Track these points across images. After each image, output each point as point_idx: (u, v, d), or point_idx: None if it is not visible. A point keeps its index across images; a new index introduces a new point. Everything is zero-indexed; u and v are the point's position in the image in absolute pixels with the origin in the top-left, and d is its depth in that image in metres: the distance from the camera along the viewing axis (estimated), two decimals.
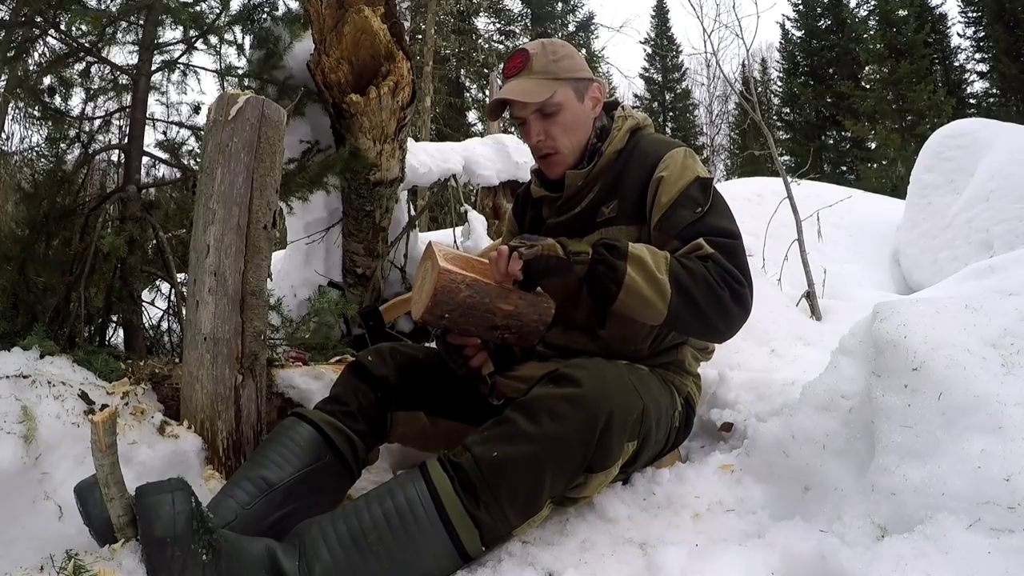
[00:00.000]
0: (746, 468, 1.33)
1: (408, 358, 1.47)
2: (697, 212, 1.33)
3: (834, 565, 0.89)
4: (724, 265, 1.26)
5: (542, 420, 1.08)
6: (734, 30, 12.25)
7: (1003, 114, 16.76)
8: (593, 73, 1.52)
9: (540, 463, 1.07)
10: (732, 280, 1.25)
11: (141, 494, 0.94)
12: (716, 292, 1.23)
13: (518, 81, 1.43)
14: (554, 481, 1.10)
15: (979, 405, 0.95)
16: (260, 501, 1.15)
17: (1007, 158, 5.51)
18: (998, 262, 2.34)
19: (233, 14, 2.20)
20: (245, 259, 1.39)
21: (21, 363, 1.31)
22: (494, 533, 1.09)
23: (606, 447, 1.13)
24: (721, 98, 24.65)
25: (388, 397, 1.40)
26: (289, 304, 2.58)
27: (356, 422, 1.34)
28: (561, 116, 1.42)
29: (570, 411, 1.09)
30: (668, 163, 1.39)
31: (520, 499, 1.08)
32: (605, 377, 1.16)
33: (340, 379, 1.44)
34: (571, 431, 1.08)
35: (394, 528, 1.02)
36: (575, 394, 1.10)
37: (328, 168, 2.31)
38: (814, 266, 3.34)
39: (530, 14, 20.89)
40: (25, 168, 2.48)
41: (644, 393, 1.23)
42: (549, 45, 1.46)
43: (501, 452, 1.07)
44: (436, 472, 1.08)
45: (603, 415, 1.10)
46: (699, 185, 1.36)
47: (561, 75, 1.42)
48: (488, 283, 1.23)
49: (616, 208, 1.43)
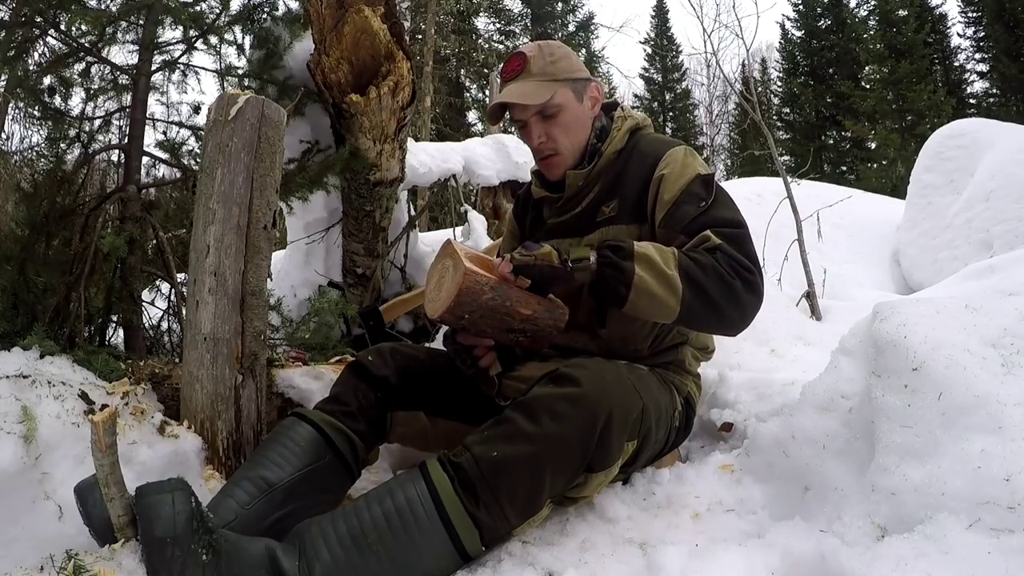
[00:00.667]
0: (746, 468, 1.33)
1: (408, 358, 1.47)
2: (701, 206, 1.32)
3: (834, 565, 0.89)
4: (733, 255, 1.25)
5: (542, 420, 1.08)
6: (734, 30, 12.25)
7: (1003, 114, 16.76)
8: (592, 73, 1.52)
9: (540, 463, 1.07)
10: (742, 269, 1.24)
11: (141, 494, 0.94)
12: (728, 282, 1.21)
13: (517, 84, 1.43)
14: (554, 481, 1.10)
15: (979, 405, 0.95)
16: (260, 501, 1.15)
17: (1007, 158, 5.51)
18: (998, 262, 2.34)
19: (233, 14, 2.20)
20: (245, 259, 1.39)
21: (21, 363, 1.31)
22: (494, 533, 1.09)
23: (606, 446, 1.13)
24: (721, 98, 24.66)
25: (388, 397, 1.40)
26: (289, 304, 2.58)
27: (356, 422, 1.34)
28: (561, 117, 1.43)
29: (570, 410, 1.09)
30: (668, 161, 1.39)
31: (520, 499, 1.08)
32: (604, 377, 1.15)
33: (340, 379, 1.44)
34: (571, 431, 1.08)
35: (394, 528, 1.02)
36: (575, 394, 1.10)
37: (328, 168, 2.32)
38: (814, 266, 3.34)
39: (530, 14, 20.89)
40: (25, 168, 2.48)
41: (644, 392, 1.23)
42: (546, 47, 1.46)
43: (501, 452, 1.07)
44: (436, 472, 1.08)
45: (603, 415, 1.10)
46: (701, 181, 1.36)
47: (560, 76, 1.43)
48: (510, 286, 1.22)
49: (616, 207, 1.43)
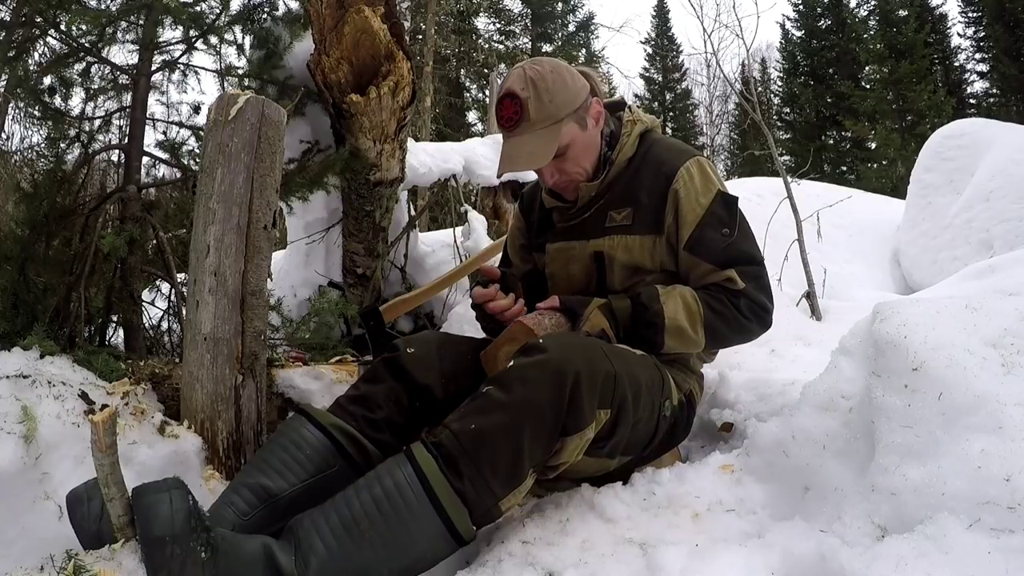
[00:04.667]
0: (746, 468, 1.33)
1: (457, 359, 1.36)
2: (725, 234, 1.39)
3: (834, 565, 0.89)
4: (755, 299, 1.38)
5: (514, 387, 1.10)
6: (734, 30, 12.25)
7: (1003, 114, 16.78)
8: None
9: (516, 429, 1.08)
10: (760, 311, 1.40)
11: (139, 494, 0.94)
12: (745, 327, 1.39)
13: (520, 140, 1.36)
14: (532, 447, 1.10)
15: (979, 405, 0.94)
16: (259, 512, 1.12)
17: (1007, 158, 5.51)
18: (998, 262, 2.34)
19: (233, 14, 2.20)
20: (245, 259, 1.39)
21: (21, 363, 1.31)
22: (481, 508, 1.07)
23: (577, 407, 1.12)
24: (721, 98, 24.69)
25: (428, 410, 1.29)
26: (289, 304, 2.58)
27: (379, 432, 1.24)
28: (571, 152, 1.40)
29: (538, 375, 1.11)
30: (685, 176, 1.41)
31: (502, 468, 1.08)
32: (571, 342, 1.19)
33: (373, 374, 1.31)
34: (540, 394, 1.09)
35: (385, 513, 1.02)
36: (542, 359, 1.13)
37: (328, 168, 2.31)
38: (814, 266, 3.34)
39: (530, 14, 20.86)
40: (25, 168, 2.49)
41: (616, 361, 1.21)
42: (539, 80, 1.34)
43: (478, 424, 1.08)
44: (421, 454, 1.07)
45: (570, 374, 1.11)
46: (723, 202, 1.41)
47: (561, 114, 1.36)
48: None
49: (631, 216, 1.44)
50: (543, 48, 20.31)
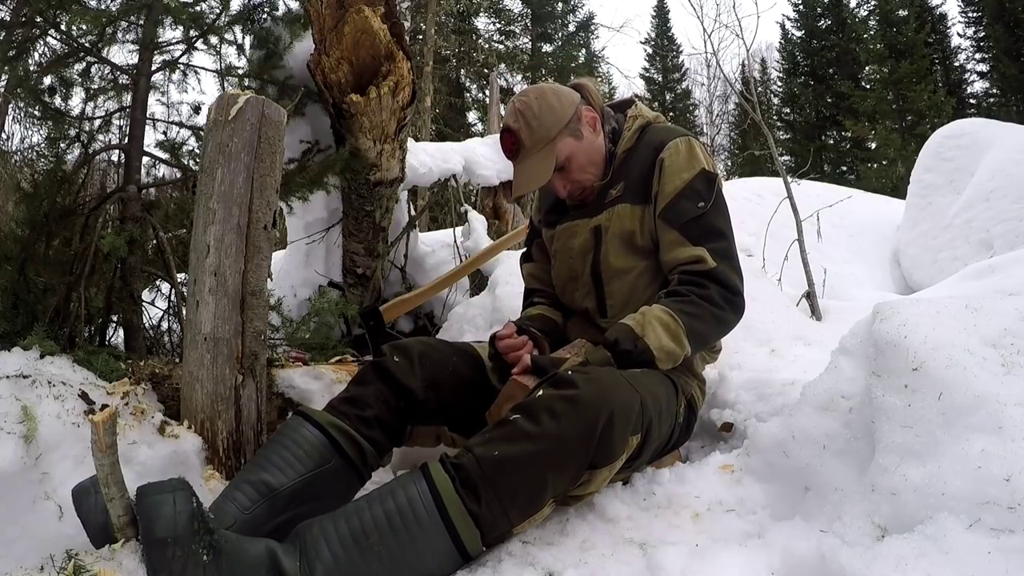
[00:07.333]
0: (746, 468, 1.33)
1: (437, 366, 1.41)
2: (699, 207, 1.42)
3: (834, 565, 0.89)
4: (727, 282, 1.39)
5: (542, 419, 1.09)
6: (734, 30, 12.25)
7: (1003, 114, 16.79)
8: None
9: (541, 462, 1.08)
10: (732, 295, 1.40)
11: (142, 494, 0.94)
12: (721, 319, 1.39)
13: (523, 166, 1.50)
14: (556, 480, 1.10)
15: (979, 405, 0.94)
16: (260, 506, 1.14)
17: (1007, 158, 5.52)
18: (998, 262, 2.34)
19: (233, 14, 2.20)
20: (245, 259, 1.39)
21: (21, 363, 1.31)
22: (495, 532, 1.09)
23: (608, 444, 1.13)
24: (721, 98, 24.67)
25: (411, 409, 1.36)
26: (289, 304, 2.58)
27: (370, 429, 1.29)
28: (574, 163, 1.50)
29: (569, 410, 1.10)
30: (672, 149, 1.46)
31: (522, 498, 1.08)
32: (601, 379, 1.17)
33: (361, 378, 1.38)
34: (570, 430, 1.09)
35: (395, 528, 1.02)
36: (572, 395, 1.12)
37: (328, 168, 2.31)
38: (814, 266, 3.34)
39: (530, 14, 20.84)
40: (25, 168, 2.49)
41: (639, 387, 1.23)
42: (526, 109, 1.47)
43: (502, 452, 1.07)
44: (437, 472, 1.08)
45: (603, 415, 1.11)
46: (704, 178, 1.44)
47: (552, 133, 1.46)
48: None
49: (623, 188, 1.51)
50: (543, 48, 20.31)
